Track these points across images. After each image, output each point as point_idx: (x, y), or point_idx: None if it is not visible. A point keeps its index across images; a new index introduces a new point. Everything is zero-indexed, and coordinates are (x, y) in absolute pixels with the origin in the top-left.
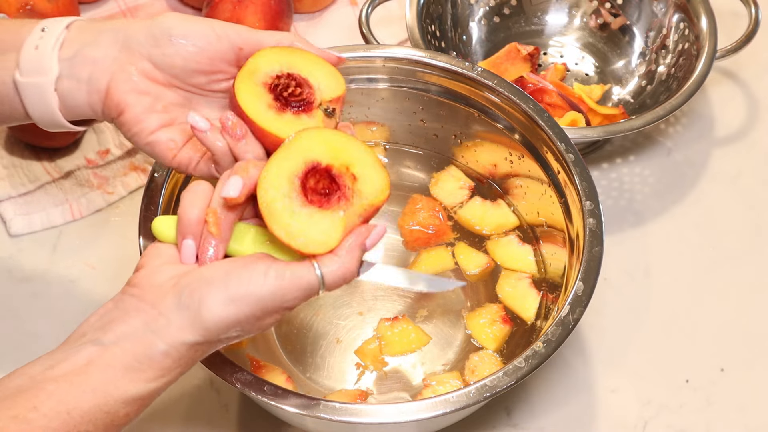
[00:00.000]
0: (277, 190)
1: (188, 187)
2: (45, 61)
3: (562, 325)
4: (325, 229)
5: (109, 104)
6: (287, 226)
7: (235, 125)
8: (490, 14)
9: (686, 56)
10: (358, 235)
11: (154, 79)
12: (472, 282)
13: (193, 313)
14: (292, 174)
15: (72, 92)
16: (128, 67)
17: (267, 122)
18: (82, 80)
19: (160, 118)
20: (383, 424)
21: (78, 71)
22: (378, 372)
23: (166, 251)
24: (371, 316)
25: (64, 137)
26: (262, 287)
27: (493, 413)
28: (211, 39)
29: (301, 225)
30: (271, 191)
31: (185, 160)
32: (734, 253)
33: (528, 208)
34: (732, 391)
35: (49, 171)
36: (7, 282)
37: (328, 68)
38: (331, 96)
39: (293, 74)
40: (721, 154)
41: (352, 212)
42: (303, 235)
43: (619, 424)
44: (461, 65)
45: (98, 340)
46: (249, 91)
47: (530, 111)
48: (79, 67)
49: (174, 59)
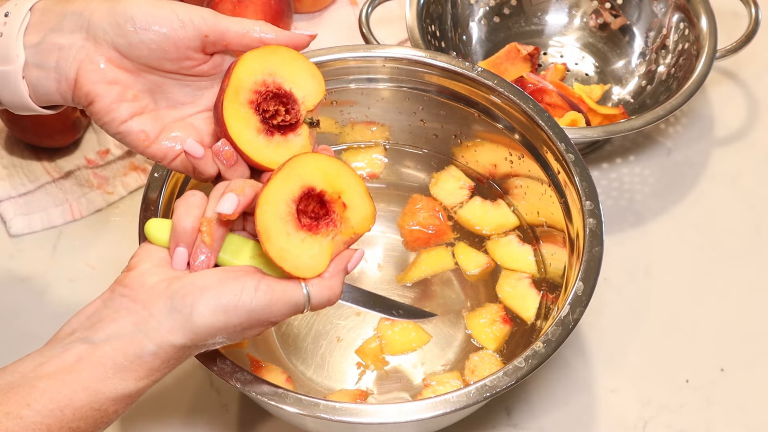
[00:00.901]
0: (274, 212)
1: (183, 196)
2: (11, 49)
3: (562, 325)
4: (314, 254)
5: (78, 94)
6: (281, 249)
7: (229, 154)
8: (490, 14)
9: (686, 56)
10: (342, 259)
11: (122, 67)
12: (472, 282)
13: (184, 318)
14: (288, 198)
15: (41, 80)
16: (95, 57)
17: (257, 153)
18: (50, 68)
19: (131, 107)
20: (383, 424)
21: (45, 59)
22: (379, 371)
23: (158, 254)
24: (371, 316)
25: (64, 137)
26: (252, 300)
27: (493, 413)
28: (175, 26)
29: (293, 249)
30: (268, 214)
31: (160, 154)
32: (734, 253)
33: (528, 208)
34: (732, 391)
35: (49, 171)
36: (7, 282)
37: (307, 68)
38: (314, 102)
39: (278, 89)
40: (721, 154)
41: (339, 239)
42: (295, 259)
43: (619, 424)
44: (461, 65)
45: (88, 338)
46: (237, 117)
47: (530, 111)
48: (45, 55)
49: (140, 49)
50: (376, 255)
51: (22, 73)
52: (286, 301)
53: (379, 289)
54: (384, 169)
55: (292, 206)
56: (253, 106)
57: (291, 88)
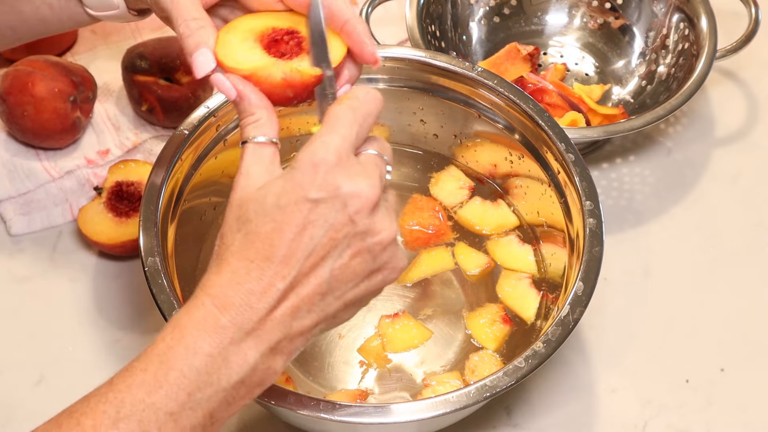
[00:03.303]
0: (235, 34)
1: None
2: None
3: (562, 325)
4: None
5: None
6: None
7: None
8: (490, 14)
9: (686, 56)
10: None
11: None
12: (472, 282)
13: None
14: (254, 30)
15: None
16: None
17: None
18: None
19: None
20: (383, 424)
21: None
22: (381, 369)
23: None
24: (371, 316)
25: (64, 137)
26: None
27: (493, 413)
28: None
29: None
30: (230, 34)
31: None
32: (734, 252)
33: (528, 208)
34: (732, 391)
35: (49, 171)
36: (7, 282)
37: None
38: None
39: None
40: (721, 154)
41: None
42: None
43: (619, 424)
44: (461, 65)
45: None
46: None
47: (530, 111)
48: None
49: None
50: None
51: (126, 13)
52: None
53: None
54: None
55: (256, 34)
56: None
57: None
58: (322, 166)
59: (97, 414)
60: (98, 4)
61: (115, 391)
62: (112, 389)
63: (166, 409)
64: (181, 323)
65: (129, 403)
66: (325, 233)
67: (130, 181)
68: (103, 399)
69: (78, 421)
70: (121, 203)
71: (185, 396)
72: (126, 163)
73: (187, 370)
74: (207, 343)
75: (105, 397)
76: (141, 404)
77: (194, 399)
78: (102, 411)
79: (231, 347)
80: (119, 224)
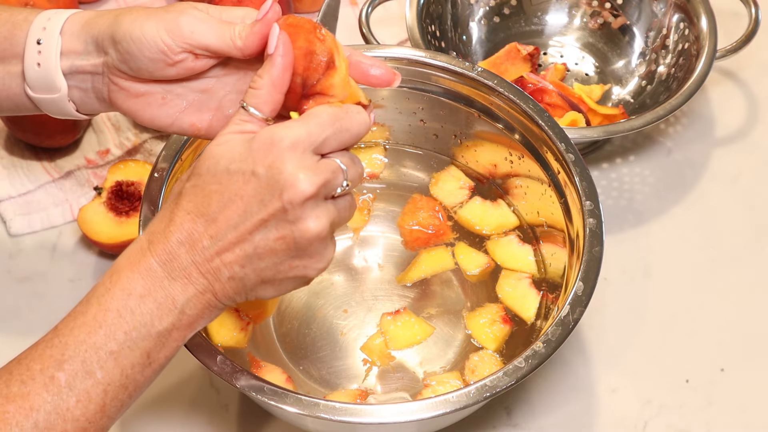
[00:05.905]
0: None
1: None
2: (52, 80)
3: (562, 325)
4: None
5: (118, 110)
6: None
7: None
8: (490, 14)
9: (686, 56)
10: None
11: (142, 80)
12: (472, 282)
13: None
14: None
15: (84, 100)
16: (115, 78)
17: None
18: (89, 89)
19: (169, 110)
20: (383, 424)
21: (81, 82)
22: (384, 367)
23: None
24: (372, 315)
25: (64, 137)
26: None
27: (493, 413)
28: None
29: None
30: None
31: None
32: (734, 253)
33: (528, 208)
34: (732, 391)
35: (49, 171)
36: (7, 282)
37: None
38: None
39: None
40: (721, 154)
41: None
42: None
43: (619, 424)
44: (461, 65)
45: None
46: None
47: (530, 111)
48: (79, 78)
49: (142, 71)
50: (375, 255)
51: (68, 98)
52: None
53: (379, 289)
54: (384, 169)
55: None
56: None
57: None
58: (276, 147)
59: (44, 358)
60: (40, 85)
61: (60, 335)
62: (57, 334)
63: (107, 348)
64: (119, 266)
65: (72, 345)
66: (259, 211)
67: (130, 181)
68: (50, 344)
69: (27, 367)
70: (121, 203)
71: (123, 335)
72: (126, 163)
73: (123, 310)
74: (140, 284)
75: (51, 342)
76: (83, 345)
77: (131, 338)
78: (48, 355)
79: (160, 290)
80: (119, 224)
